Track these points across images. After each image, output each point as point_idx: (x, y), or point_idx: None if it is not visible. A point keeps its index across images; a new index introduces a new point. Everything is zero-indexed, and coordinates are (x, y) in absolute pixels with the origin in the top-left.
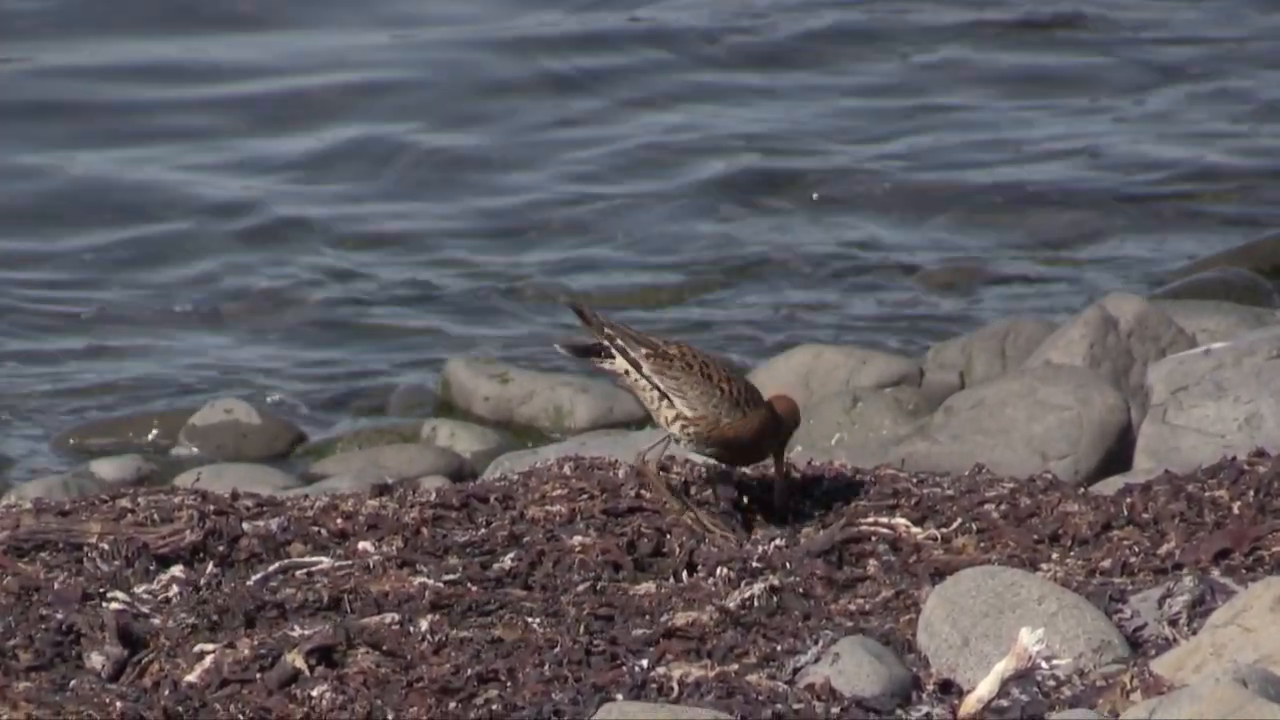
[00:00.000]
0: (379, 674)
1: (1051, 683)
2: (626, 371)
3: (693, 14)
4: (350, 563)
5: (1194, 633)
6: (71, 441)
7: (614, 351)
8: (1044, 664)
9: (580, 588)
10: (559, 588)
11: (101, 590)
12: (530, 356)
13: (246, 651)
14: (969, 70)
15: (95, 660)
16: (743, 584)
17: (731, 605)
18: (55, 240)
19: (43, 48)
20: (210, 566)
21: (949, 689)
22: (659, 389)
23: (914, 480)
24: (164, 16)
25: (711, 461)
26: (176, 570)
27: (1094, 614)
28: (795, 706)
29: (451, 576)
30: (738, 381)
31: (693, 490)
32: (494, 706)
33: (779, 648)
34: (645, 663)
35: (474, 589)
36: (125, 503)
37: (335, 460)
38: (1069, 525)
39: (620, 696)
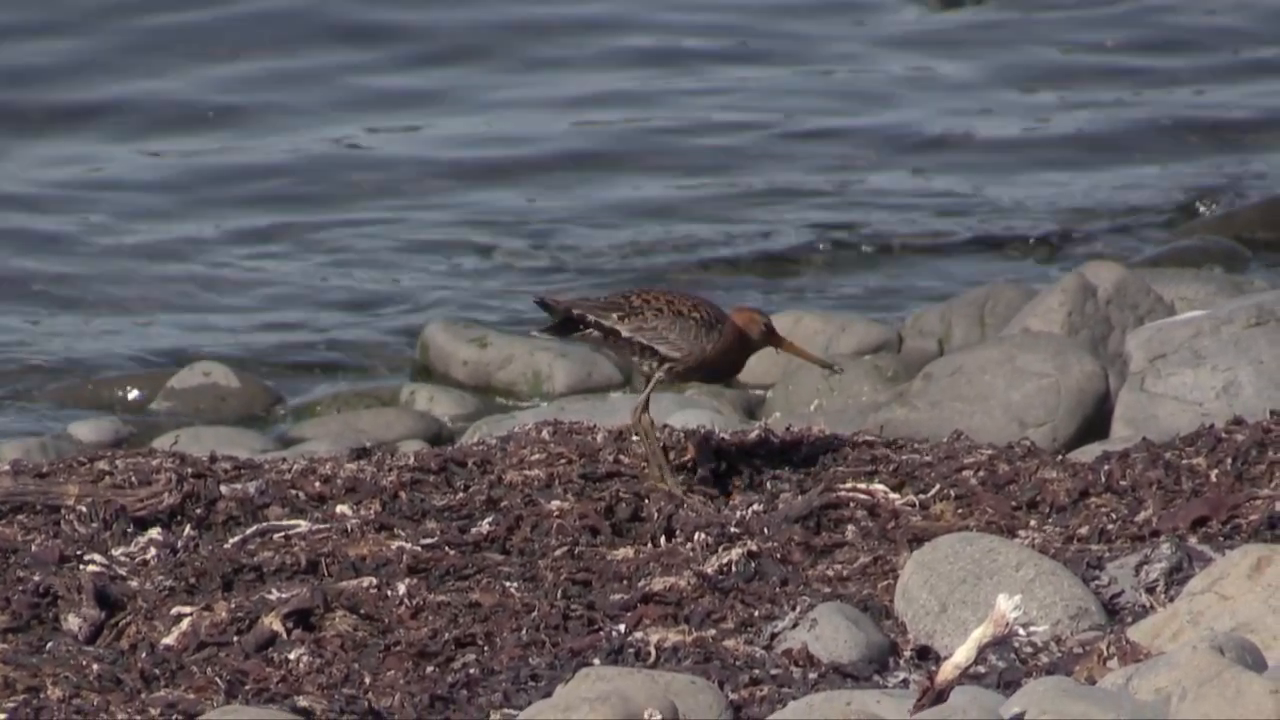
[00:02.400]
0: (356, 637)
1: (1029, 649)
2: (606, 337)
3: None
4: (328, 526)
5: (1171, 600)
6: (49, 403)
7: (587, 325)
8: (1021, 631)
9: (558, 552)
10: (537, 552)
11: (79, 552)
12: (509, 321)
13: (224, 614)
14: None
15: (72, 622)
16: (720, 549)
17: (709, 570)
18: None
19: None
20: (188, 529)
21: (926, 655)
22: (640, 344)
23: (892, 446)
24: None
25: (693, 424)
26: (154, 533)
27: (1071, 581)
28: (772, 672)
29: (429, 540)
30: (702, 304)
31: (671, 455)
32: (471, 670)
33: (756, 613)
34: (622, 628)
35: (452, 553)
36: (103, 465)
37: (313, 423)
38: (1047, 492)
39: (597, 661)
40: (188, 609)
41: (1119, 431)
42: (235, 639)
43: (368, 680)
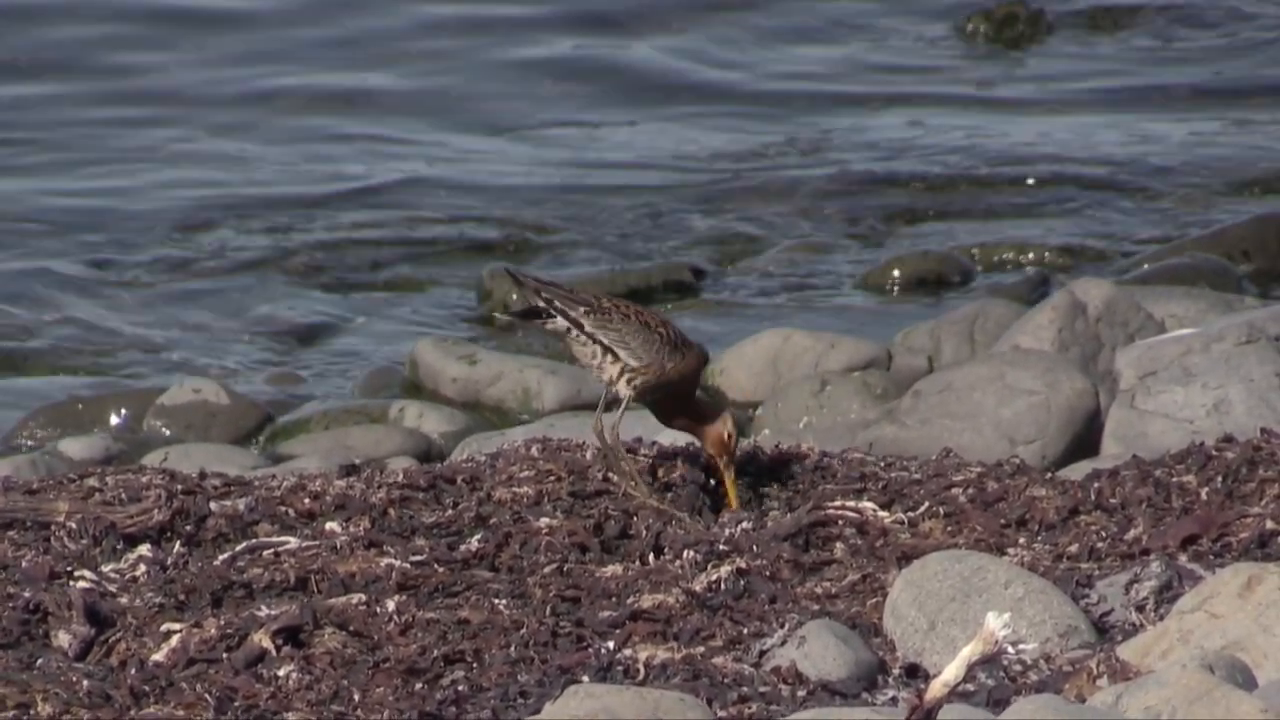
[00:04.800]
0: (345, 654)
1: (1018, 667)
2: (569, 330)
3: None
4: (317, 543)
5: (1161, 619)
6: (39, 420)
7: (553, 312)
8: (1010, 649)
9: (547, 569)
10: (526, 569)
11: (69, 569)
12: (498, 338)
13: (213, 631)
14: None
15: (62, 639)
16: (709, 567)
17: (698, 588)
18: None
19: None
20: (177, 546)
21: (915, 673)
22: (602, 344)
23: (881, 464)
24: None
25: (682, 441)
26: (144, 549)
27: (1061, 599)
28: (761, 689)
29: (418, 557)
30: (669, 325)
31: (659, 472)
32: (460, 688)
33: (745, 630)
34: (611, 645)
35: (441, 570)
36: (93, 482)
37: (303, 440)
38: (1036, 510)
39: (586, 678)
40: (177, 626)
41: (1109, 449)
42: (225, 656)
43: (357, 697)
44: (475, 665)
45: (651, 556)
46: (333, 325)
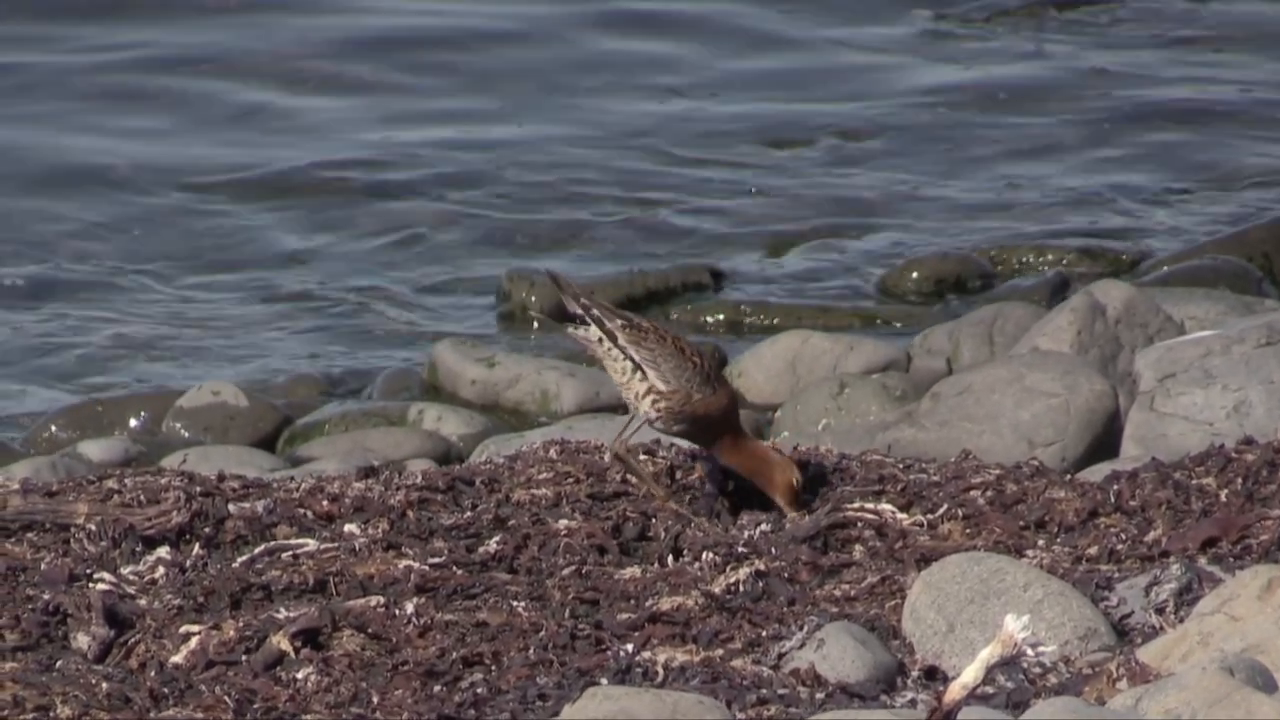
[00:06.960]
0: (364, 657)
1: (1037, 670)
2: (600, 340)
3: None
4: (336, 545)
5: (1181, 621)
6: (59, 421)
7: (589, 320)
8: (1030, 651)
9: (565, 571)
10: (544, 571)
11: (88, 571)
12: (518, 339)
13: (232, 633)
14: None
15: (81, 641)
16: (728, 569)
17: (717, 590)
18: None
19: None
20: (196, 548)
21: (934, 675)
22: (633, 360)
23: (900, 466)
24: None
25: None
26: (163, 551)
27: (1080, 601)
28: (780, 692)
29: (437, 560)
30: (707, 358)
31: (678, 475)
32: (479, 690)
33: (764, 633)
34: (630, 647)
35: (459, 572)
36: (112, 484)
37: (322, 443)
38: (1055, 512)
39: (605, 681)
40: (196, 628)
41: (1128, 451)
42: (244, 658)
43: (375, 699)
44: (494, 668)
45: (670, 558)
46: (348, 327)
